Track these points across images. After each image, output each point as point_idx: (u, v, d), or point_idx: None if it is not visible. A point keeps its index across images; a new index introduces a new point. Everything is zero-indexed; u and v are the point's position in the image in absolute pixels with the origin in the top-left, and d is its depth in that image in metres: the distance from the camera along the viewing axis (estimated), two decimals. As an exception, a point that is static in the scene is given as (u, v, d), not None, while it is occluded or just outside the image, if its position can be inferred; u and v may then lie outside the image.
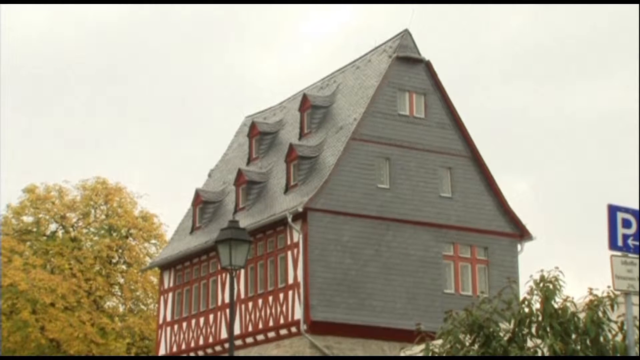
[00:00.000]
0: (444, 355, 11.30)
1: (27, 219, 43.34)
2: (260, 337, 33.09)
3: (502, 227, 34.76)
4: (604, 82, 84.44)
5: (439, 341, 11.59)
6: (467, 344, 11.15)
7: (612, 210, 11.38)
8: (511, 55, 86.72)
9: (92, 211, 43.88)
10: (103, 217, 43.98)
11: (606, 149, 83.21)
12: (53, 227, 43.64)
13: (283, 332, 32.24)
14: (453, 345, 11.27)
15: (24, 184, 43.95)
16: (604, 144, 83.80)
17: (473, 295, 31.16)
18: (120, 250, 43.61)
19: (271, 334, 32.72)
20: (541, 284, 11.17)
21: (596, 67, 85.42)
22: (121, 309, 43.38)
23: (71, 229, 43.51)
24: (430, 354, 11.37)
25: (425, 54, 35.28)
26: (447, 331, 11.43)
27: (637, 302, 11.35)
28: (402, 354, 21.06)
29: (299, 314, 31.60)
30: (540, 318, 11.01)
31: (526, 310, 11.14)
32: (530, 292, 11.23)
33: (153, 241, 43.94)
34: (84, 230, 43.82)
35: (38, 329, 40.27)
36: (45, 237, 43.18)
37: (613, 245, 11.23)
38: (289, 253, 32.48)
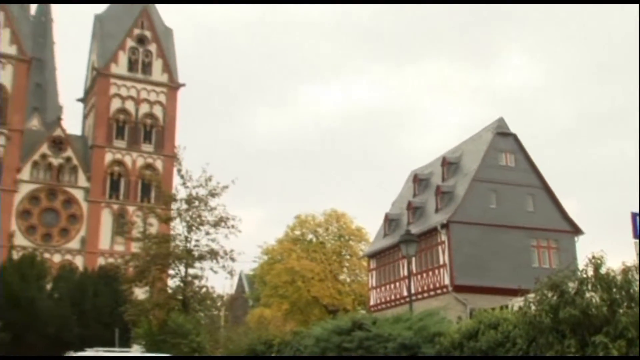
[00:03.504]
0: (536, 303, 10.71)
1: (297, 232, 44.79)
2: (425, 295, 32.69)
3: (565, 227, 32.83)
4: (615, 139, 78.50)
5: (532, 295, 11.10)
6: (549, 296, 10.64)
7: (634, 216, 10.72)
8: (562, 126, 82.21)
9: (330, 227, 44.82)
10: (336, 229, 44.75)
11: (618, 177, 77.22)
12: (310, 236, 44.85)
13: (438, 292, 31.70)
14: (541, 297, 10.77)
15: (295, 214, 45.73)
16: (618, 176, 77.88)
17: (550, 268, 29.50)
18: (346, 248, 44.20)
19: (432, 293, 32.24)
20: (593, 260, 10.56)
21: (610, 127, 79.73)
22: (348, 280, 43.87)
23: (319, 237, 44.59)
24: (527, 303, 10.86)
25: (513, 130, 34.19)
26: (537, 289, 10.93)
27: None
28: (508, 303, 20.01)
29: (447, 281, 31.01)
30: (593, 280, 10.40)
31: (584, 275, 10.53)
32: (587, 265, 10.61)
33: (363, 242, 44.29)
34: (326, 237, 44.71)
35: (306, 291, 41.32)
36: (306, 242, 44.40)
37: (636, 235, 10.56)
38: (439, 247, 31.98)
